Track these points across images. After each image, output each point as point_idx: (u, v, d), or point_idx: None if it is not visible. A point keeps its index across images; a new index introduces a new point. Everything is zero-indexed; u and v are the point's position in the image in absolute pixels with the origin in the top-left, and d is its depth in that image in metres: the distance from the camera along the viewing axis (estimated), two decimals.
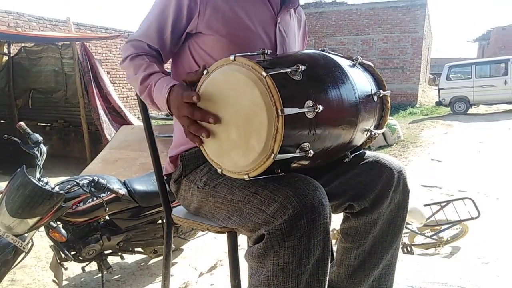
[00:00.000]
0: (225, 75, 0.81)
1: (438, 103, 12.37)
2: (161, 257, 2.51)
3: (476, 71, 11.63)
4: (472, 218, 2.60)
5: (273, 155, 0.75)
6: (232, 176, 0.86)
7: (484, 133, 7.80)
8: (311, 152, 0.79)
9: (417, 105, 14.25)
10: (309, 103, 0.76)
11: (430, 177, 4.55)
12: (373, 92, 0.96)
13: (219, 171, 0.88)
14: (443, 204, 2.79)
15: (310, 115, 0.76)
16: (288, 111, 0.73)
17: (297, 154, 0.78)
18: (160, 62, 1.02)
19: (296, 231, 0.78)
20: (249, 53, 0.82)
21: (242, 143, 0.80)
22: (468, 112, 11.61)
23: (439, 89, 12.31)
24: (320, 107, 0.76)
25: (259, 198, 0.83)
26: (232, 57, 0.80)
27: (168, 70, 1.06)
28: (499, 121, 9.46)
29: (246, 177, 0.81)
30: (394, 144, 7.11)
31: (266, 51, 0.80)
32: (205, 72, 0.85)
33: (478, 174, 4.62)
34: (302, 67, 0.78)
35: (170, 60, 1.10)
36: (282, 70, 0.76)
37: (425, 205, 2.73)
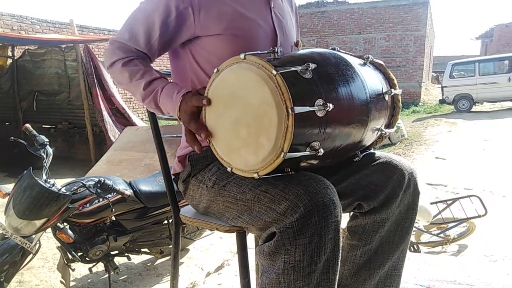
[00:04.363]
0: (235, 73, 0.81)
1: (442, 101, 12.32)
2: (167, 258, 2.53)
3: (480, 69, 11.55)
4: (479, 216, 2.58)
5: (283, 153, 0.75)
6: (241, 174, 0.85)
7: (489, 130, 7.75)
8: (321, 151, 0.79)
9: (420, 104, 14.17)
10: (320, 101, 0.76)
11: (435, 175, 4.53)
12: (384, 91, 0.95)
13: (228, 169, 0.87)
14: (449, 202, 2.78)
15: (320, 114, 0.76)
16: (298, 109, 0.72)
17: (307, 153, 0.78)
18: (150, 65, 1.02)
19: (308, 229, 0.78)
20: (259, 52, 0.81)
21: (252, 142, 0.80)
22: (472, 109, 11.54)
23: (442, 87, 12.24)
24: (331, 106, 0.76)
25: (269, 197, 0.83)
26: (242, 56, 0.79)
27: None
28: (503, 119, 9.39)
29: (255, 175, 0.81)
30: (398, 143, 7.08)
31: (276, 49, 0.79)
32: (215, 70, 0.84)
33: (483, 172, 4.59)
34: (312, 66, 0.78)
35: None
36: (292, 68, 0.76)
37: (432, 203, 2.72)
